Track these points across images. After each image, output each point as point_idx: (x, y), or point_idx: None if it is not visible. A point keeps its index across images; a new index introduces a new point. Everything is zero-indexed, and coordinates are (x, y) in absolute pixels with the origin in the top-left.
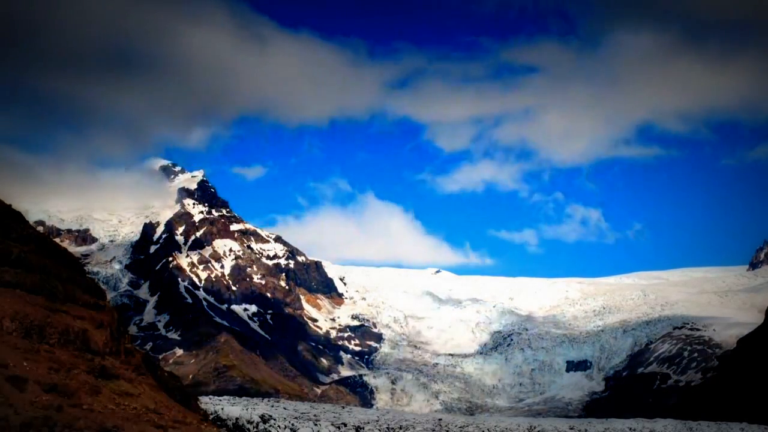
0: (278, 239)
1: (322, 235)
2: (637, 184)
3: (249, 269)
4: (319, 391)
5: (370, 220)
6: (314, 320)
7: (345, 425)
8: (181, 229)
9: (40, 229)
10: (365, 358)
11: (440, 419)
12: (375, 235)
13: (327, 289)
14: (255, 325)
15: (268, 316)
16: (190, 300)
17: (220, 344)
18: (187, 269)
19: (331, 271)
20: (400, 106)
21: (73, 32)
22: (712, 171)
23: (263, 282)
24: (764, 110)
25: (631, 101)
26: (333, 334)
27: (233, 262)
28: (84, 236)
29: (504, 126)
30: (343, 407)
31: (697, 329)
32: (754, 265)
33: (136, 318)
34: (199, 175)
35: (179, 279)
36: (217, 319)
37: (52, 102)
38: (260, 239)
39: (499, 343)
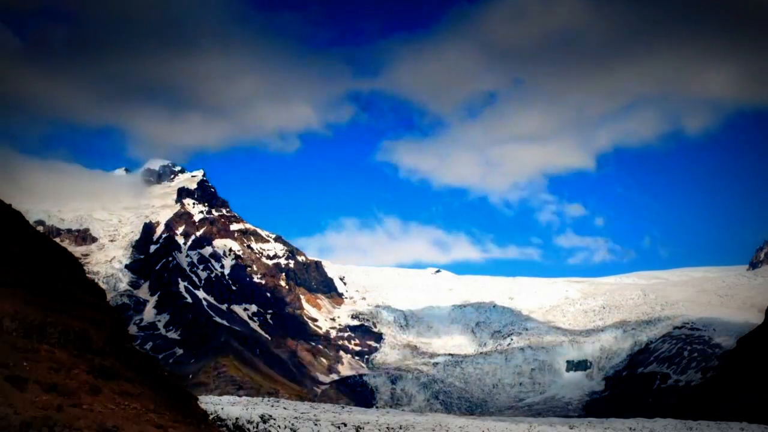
0: (278, 239)
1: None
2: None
3: (249, 269)
4: (319, 391)
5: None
6: (314, 320)
7: (345, 425)
8: (181, 229)
9: (40, 229)
10: (365, 358)
11: (440, 419)
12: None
13: (327, 288)
14: (255, 325)
15: (268, 316)
16: (190, 300)
17: (220, 344)
18: (187, 269)
19: (331, 270)
20: None
21: None
22: (713, 170)
23: (263, 282)
24: None
25: None
26: (333, 333)
27: (233, 262)
28: (84, 236)
29: None
30: (343, 407)
31: (697, 329)
32: (754, 265)
33: (136, 318)
34: (198, 174)
35: (179, 279)
36: (217, 319)
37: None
38: (260, 239)
39: (499, 343)
